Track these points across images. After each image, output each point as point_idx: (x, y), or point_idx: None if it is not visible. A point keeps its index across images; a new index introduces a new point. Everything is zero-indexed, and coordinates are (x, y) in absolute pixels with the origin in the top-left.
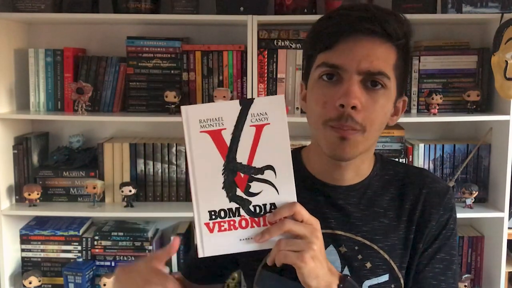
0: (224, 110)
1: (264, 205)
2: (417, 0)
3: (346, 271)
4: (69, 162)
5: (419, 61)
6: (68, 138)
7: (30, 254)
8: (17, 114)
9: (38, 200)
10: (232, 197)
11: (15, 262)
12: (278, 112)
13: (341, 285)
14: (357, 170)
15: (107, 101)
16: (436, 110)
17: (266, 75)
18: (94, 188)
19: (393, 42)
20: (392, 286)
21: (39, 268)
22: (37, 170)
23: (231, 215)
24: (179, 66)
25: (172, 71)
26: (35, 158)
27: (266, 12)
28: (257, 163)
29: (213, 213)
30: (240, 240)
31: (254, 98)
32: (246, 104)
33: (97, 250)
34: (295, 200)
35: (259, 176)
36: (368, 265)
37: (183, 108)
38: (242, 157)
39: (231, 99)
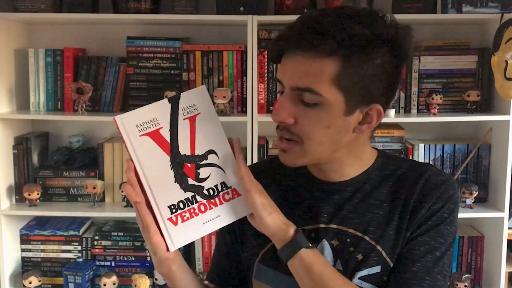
0: (157, 111)
1: (216, 186)
2: (417, 0)
3: (338, 264)
4: (69, 162)
5: (419, 61)
6: (68, 138)
7: (30, 254)
8: (17, 114)
9: (38, 200)
10: (185, 187)
11: (15, 262)
12: (204, 101)
13: (299, 229)
14: (342, 169)
15: (107, 101)
16: (436, 110)
17: (266, 75)
18: (94, 188)
19: (334, 55)
20: (384, 277)
21: (39, 268)
22: (37, 170)
23: (189, 204)
24: (179, 66)
25: (172, 71)
26: (35, 158)
27: (266, 12)
28: (199, 150)
29: (172, 207)
30: (204, 223)
31: (180, 93)
32: (174, 100)
33: (97, 250)
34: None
35: (204, 162)
36: (360, 257)
37: (117, 118)
38: (184, 149)
39: (232, 99)
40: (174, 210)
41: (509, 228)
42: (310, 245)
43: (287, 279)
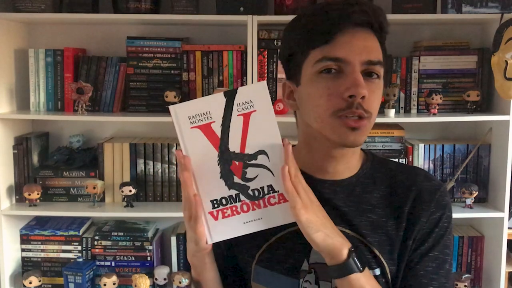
0: (211, 104)
1: (262, 187)
2: (417, 0)
3: None
4: (69, 162)
5: (419, 61)
6: (68, 138)
7: (30, 254)
8: (17, 114)
9: (38, 200)
10: (230, 184)
11: (15, 262)
12: (263, 98)
13: (353, 249)
14: (348, 163)
15: (107, 101)
16: (436, 110)
17: (266, 75)
18: (94, 188)
19: (378, 34)
20: (383, 280)
21: (39, 268)
22: (37, 170)
23: (232, 201)
24: (179, 66)
25: (172, 71)
26: (35, 158)
27: (266, 12)
28: (249, 149)
29: (215, 201)
30: (244, 223)
31: (237, 88)
32: (230, 95)
33: (97, 250)
34: None
35: (253, 162)
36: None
37: (171, 107)
38: (234, 146)
39: None
40: (216, 205)
41: (509, 228)
42: (362, 268)
43: (285, 279)
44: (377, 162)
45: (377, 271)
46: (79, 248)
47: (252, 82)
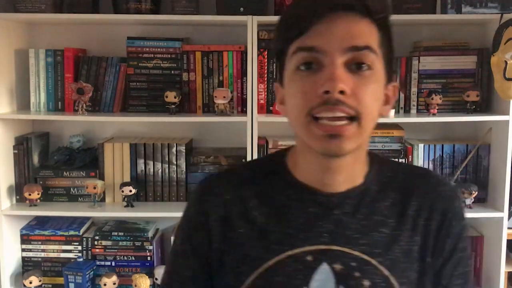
0: None
1: None
2: (417, 0)
3: None
4: (69, 162)
5: (419, 61)
6: (69, 138)
7: (30, 254)
8: (18, 114)
9: (38, 200)
10: None
11: (15, 262)
12: None
13: None
14: (350, 172)
15: (108, 101)
16: (436, 110)
17: (266, 75)
18: (95, 188)
19: (372, 17)
20: None
21: (40, 268)
22: (38, 170)
23: None
24: (179, 66)
25: (172, 72)
26: (35, 158)
27: (266, 13)
28: None
29: None
30: None
31: None
32: None
33: (97, 250)
34: None
35: None
36: (367, 283)
37: None
38: None
39: (232, 99)
40: None
41: (508, 228)
42: None
43: None
44: (383, 164)
45: None
46: (79, 248)
47: (252, 82)
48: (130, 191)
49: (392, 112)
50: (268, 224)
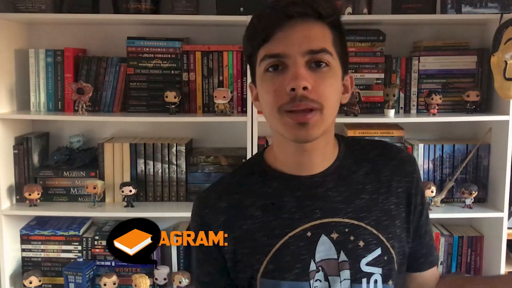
0: None
1: None
2: (417, 0)
3: (343, 255)
4: (69, 162)
5: (419, 61)
6: (69, 138)
7: (30, 254)
8: (18, 114)
9: (38, 200)
10: None
11: (15, 262)
12: None
13: None
14: (323, 153)
15: (108, 101)
16: (436, 110)
17: None
18: (95, 188)
19: (325, 20)
20: (385, 258)
21: (40, 268)
22: (38, 170)
23: None
24: (179, 66)
25: (172, 72)
26: (35, 158)
27: None
28: None
29: None
30: None
31: None
32: None
33: (97, 250)
34: None
35: None
36: (361, 243)
37: None
38: None
39: (232, 99)
40: None
41: (508, 228)
42: None
43: (295, 285)
44: (349, 143)
45: (378, 251)
46: (79, 248)
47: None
48: (130, 191)
49: (392, 112)
50: (266, 215)
